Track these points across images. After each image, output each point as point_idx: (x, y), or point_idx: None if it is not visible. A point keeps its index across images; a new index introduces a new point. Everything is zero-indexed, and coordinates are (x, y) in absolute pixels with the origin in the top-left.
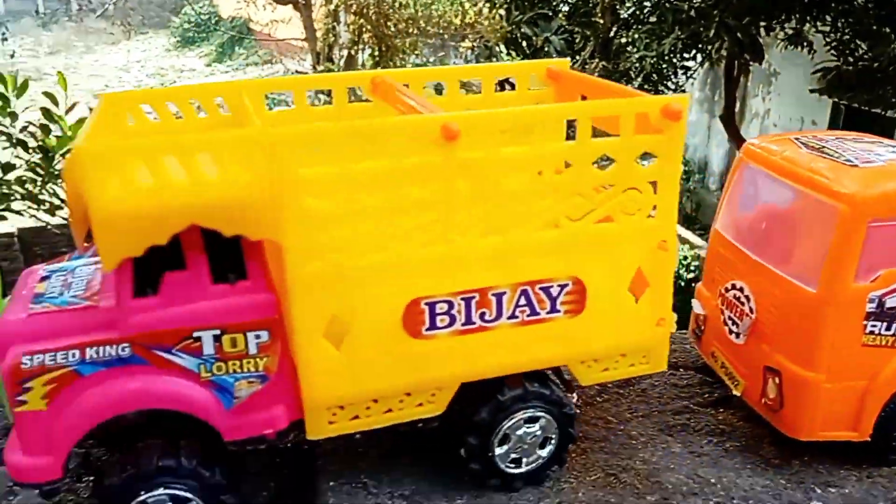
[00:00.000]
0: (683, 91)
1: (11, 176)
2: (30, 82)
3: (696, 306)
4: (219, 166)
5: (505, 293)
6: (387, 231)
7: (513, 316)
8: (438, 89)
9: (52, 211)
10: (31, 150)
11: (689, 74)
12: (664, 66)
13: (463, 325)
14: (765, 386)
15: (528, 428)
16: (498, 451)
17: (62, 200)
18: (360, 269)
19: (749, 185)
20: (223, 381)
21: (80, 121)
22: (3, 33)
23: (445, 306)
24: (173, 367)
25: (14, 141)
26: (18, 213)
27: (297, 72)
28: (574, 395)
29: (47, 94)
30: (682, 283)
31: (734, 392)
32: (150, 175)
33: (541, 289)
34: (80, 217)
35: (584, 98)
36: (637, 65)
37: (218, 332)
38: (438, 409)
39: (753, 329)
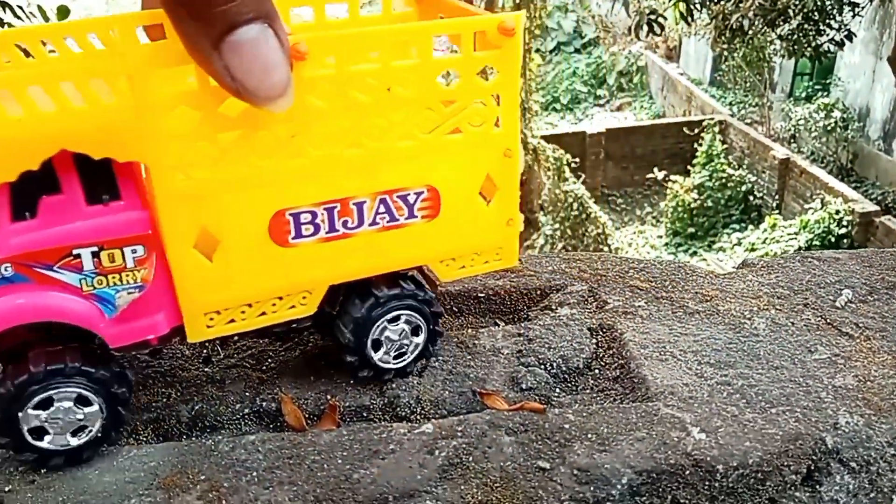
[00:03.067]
0: (849, 31)
1: None
2: None
3: None
4: (83, 93)
5: (365, 202)
6: (247, 146)
7: (374, 223)
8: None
9: None
10: None
11: (855, 12)
12: (828, 2)
13: (327, 232)
14: None
15: (395, 326)
16: (375, 354)
17: None
18: (223, 183)
19: None
20: (105, 294)
21: None
22: None
23: (309, 216)
24: (56, 283)
25: None
26: None
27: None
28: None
29: None
30: (833, 239)
31: None
32: (18, 104)
33: (398, 197)
34: None
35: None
36: (797, 2)
37: (95, 249)
38: (310, 310)
39: None
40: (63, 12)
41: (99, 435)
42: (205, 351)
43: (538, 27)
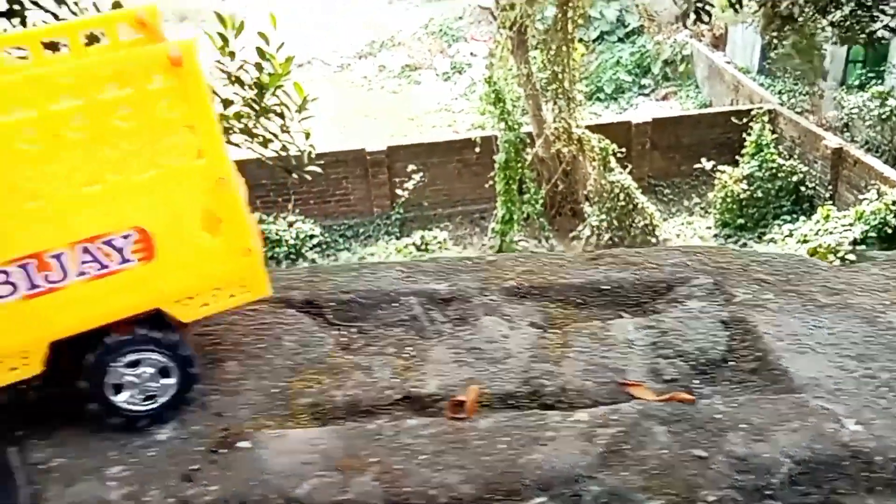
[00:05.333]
0: None
1: (230, 111)
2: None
3: None
4: None
5: (64, 253)
6: None
7: (82, 273)
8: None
9: (265, 143)
10: (246, 87)
11: None
12: None
13: (29, 290)
14: None
15: (135, 370)
16: (116, 397)
17: (273, 134)
18: None
19: None
20: None
21: (289, 59)
22: None
23: (2, 276)
24: None
25: (232, 79)
26: (237, 145)
27: (479, 7)
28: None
29: (261, 34)
30: (890, 230)
31: None
32: None
33: (103, 243)
34: None
35: None
36: None
37: None
38: (35, 370)
39: None
40: (117, 7)
41: None
42: (343, 338)
43: (581, 16)
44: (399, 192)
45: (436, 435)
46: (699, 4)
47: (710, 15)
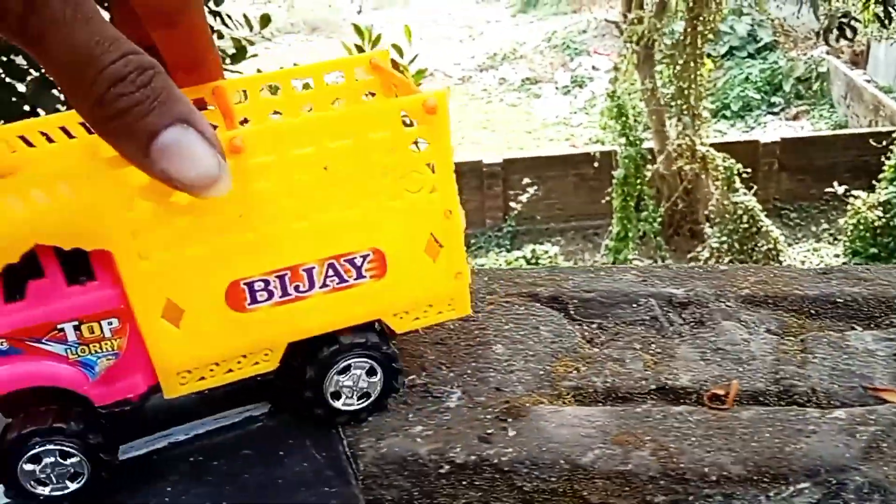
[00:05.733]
0: None
1: None
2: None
3: None
4: (49, 193)
5: (314, 268)
6: (200, 227)
7: (324, 285)
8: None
9: None
10: None
11: None
12: None
13: (281, 297)
14: None
15: (354, 372)
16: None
17: None
18: (181, 261)
19: None
20: (88, 360)
21: (420, 72)
22: None
23: (262, 284)
24: (46, 354)
25: None
26: None
27: (605, 20)
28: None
29: (395, 46)
30: None
31: None
32: None
33: (346, 261)
34: None
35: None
36: None
37: (76, 323)
38: (273, 366)
39: None
40: (265, 20)
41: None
42: (586, 333)
43: (711, 31)
44: (513, 204)
45: (701, 421)
46: (843, 20)
47: (854, 31)
